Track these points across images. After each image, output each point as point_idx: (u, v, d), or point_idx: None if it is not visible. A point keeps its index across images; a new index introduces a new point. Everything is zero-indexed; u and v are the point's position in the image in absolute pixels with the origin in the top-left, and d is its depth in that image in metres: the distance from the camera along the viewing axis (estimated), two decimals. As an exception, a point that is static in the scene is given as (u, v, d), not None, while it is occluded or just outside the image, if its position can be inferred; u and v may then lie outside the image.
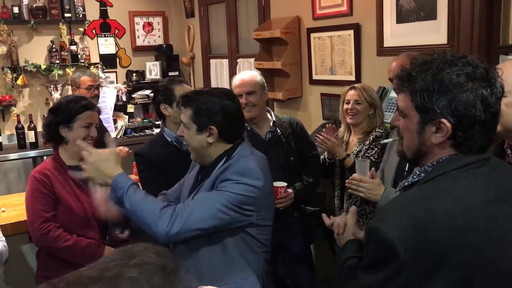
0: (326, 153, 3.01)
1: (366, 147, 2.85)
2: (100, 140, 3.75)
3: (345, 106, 2.98)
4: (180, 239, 1.85)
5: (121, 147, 3.61)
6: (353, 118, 2.94)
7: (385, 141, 2.37)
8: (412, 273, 1.11)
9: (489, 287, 1.14)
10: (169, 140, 2.60)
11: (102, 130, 4.19)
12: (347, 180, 2.26)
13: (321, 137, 2.88)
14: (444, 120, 1.19)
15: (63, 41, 5.46)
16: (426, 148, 1.27)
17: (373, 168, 2.28)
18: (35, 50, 5.39)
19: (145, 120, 5.84)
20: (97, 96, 4.00)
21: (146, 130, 5.70)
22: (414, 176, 1.30)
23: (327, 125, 2.99)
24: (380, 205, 2.07)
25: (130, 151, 3.51)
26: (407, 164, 2.28)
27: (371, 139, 2.86)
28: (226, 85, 5.20)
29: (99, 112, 2.53)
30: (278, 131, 2.83)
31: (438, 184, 1.21)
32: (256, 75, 2.88)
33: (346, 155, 2.85)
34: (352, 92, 2.97)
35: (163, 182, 2.35)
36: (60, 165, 2.41)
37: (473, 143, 1.21)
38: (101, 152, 1.94)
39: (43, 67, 5.32)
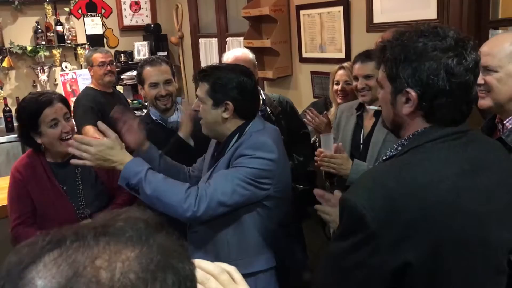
0: (316, 136, 2.96)
1: None
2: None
3: (335, 87, 2.90)
4: (207, 218, 1.86)
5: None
6: (343, 99, 2.85)
7: (371, 107, 2.33)
8: (380, 242, 1.11)
9: (458, 258, 1.14)
10: (154, 118, 2.67)
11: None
12: (317, 158, 2.26)
13: (310, 113, 2.81)
14: (409, 90, 1.20)
15: (49, 22, 5.36)
16: (400, 119, 1.28)
17: (340, 143, 2.28)
18: (20, 32, 5.28)
19: (135, 102, 5.78)
20: (111, 72, 3.88)
21: (135, 112, 5.64)
22: (392, 150, 1.31)
23: (311, 108, 2.91)
24: (351, 178, 2.14)
25: None
26: (361, 137, 2.36)
27: None
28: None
29: (62, 100, 2.23)
30: (268, 110, 2.81)
31: (412, 156, 1.21)
32: (249, 53, 2.86)
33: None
34: (341, 72, 2.88)
35: None
36: (40, 161, 2.26)
37: (441, 114, 1.20)
38: (101, 141, 1.89)
39: (29, 48, 5.22)
